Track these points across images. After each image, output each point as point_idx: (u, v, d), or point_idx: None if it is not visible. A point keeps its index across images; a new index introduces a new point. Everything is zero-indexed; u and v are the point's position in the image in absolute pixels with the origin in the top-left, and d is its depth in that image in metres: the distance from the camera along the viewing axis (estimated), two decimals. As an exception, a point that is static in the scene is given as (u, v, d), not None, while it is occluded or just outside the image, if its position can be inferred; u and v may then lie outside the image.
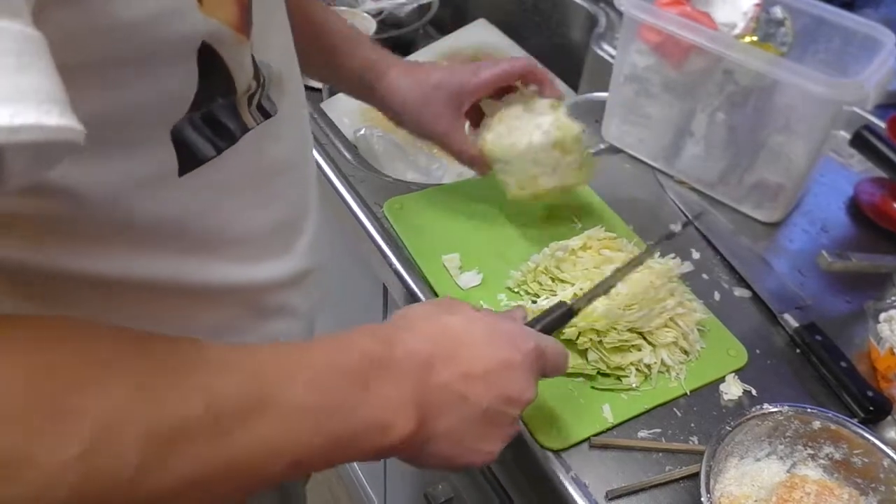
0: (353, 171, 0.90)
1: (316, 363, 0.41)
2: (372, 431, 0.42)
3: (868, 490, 0.60)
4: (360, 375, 0.41)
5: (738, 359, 0.71)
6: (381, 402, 0.42)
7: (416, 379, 0.44)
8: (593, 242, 0.76)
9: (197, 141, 0.42)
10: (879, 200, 0.90)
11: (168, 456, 0.32)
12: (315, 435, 0.39)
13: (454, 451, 0.47)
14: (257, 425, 0.36)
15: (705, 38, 0.81)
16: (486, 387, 0.47)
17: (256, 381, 0.37)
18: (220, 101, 0.42)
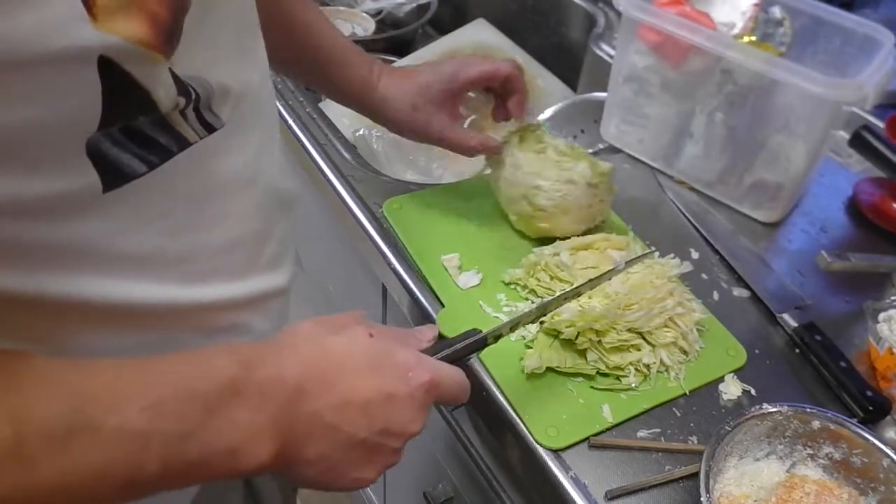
0: (352, 171, 0.90)
1: (161, 385, 0.40)
2: (220, 456, 0.41)
3: (867, 490, 0.60)
4: (209, 400, 0.41)
5: (737, 359, 0.71)
6: (229, 427, 0.41)
7: (278, 405, 0.43)
8: (600, 243, 0.76)
9: (120, 157, 0.40)
10: (878, 200, 0.90)
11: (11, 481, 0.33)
12: (148, 460, 0.38)
13: (325, 478, 0.46)
14: (75, 449, 0.36)
15: (704, 38, 0.81)
16: (366, 418, 0.46)
17: (81, 404, 0.36)
18: (142, 119, 0.41)
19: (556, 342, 0.69)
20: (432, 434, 0.93)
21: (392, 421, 0.47)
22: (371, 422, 0.46)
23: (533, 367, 0.66)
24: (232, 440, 0.41)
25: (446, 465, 0.92)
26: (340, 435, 0.46)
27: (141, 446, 0.38)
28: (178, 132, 0.43)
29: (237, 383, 0.42)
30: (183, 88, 0.42)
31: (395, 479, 1.23)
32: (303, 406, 0.44)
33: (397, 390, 0.47)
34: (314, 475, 0.46)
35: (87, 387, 0.38)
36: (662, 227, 0.86)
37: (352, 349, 0.47)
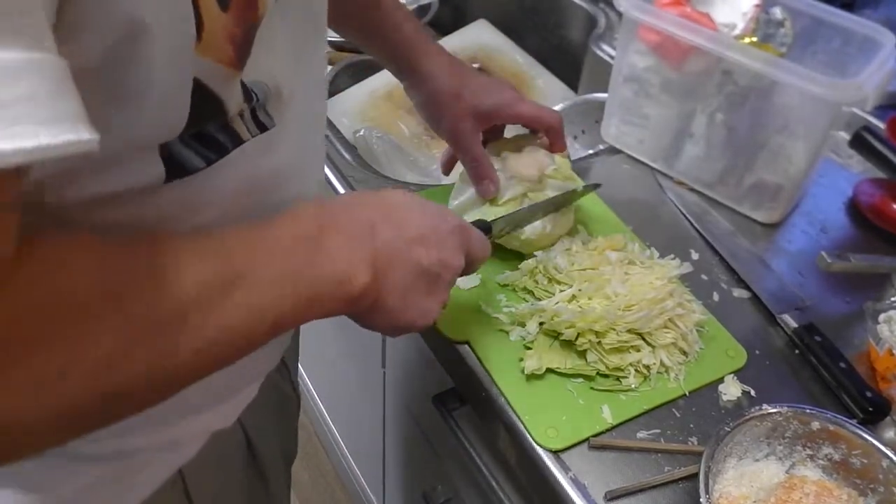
0: (352, 171, 0.90)
1: (271, 237, 0.45)
2: (334, 286, 0.46)
3: (867, 491, 0.60)
4: (314, 240, 0.46)
5: (736, 360, 0.71)
6: (337, 258, 0.46)
7: (361, 239, 0.48)
8: (598, 243, 0.76)
9: (185, 155, 0.43)
10: (879, 201, 0.90)
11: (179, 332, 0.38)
12: (286, 298, 0.44)
13: (400, 306, 0.51)
14: (238, 295, 0.41)
15: (705, 39, 0.81)
16: (424, 248, 0.52)
17: (228, 260, 0.42)
18: (215, 127, 0.44)
19: (555, 343, 0.69)
20: (433, 435, 0.93)
21: (443, 252, 0.54)
22: (429, 251, 0.52)
23: (533, 368, 0.66)
24: (339, 269, 0.46)
25: (446, 466, 0.92)
26: (410, 262, 0.51)
27: (279, 285, 0.43)
28: (235, 131, 0.46)
29: (325, 222, 0.47)
30: (247, 94, 0.44)
31: (395, 479, 1.23)
32: (378, 238, 0.49)
33: (440, 226, 0.54)
34: (393, 303, 0.51)
35: (223, 249, 0.42)
36: (662, 227, 0.86)
37: (399, 197, 0.54)
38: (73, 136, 0.29)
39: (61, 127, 0.28)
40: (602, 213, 0.85)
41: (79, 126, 0.29)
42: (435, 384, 0.79)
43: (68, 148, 0.28)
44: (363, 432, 1.30)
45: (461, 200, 0.77)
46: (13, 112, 0.27)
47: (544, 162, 0.77)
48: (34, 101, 0.28)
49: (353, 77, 1.20)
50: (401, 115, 1.17)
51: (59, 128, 0.28)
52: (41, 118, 0.28)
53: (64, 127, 0.28)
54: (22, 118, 0.27)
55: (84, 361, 0.35)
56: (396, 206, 0.53)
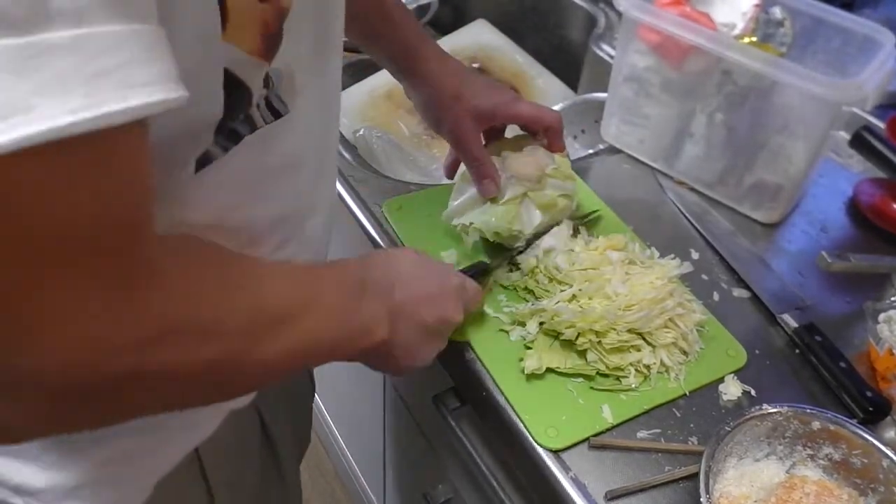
0: (352, 171, 0.90)
1: (333, 278, 0.53)
2: (363, 333, 0.53)
3: (867, 490, 0.60)
4: (357, 291, 0.53)
5: (737, 359, 0.71)
6: (370, 311, 0.54)
7: (384, 298, 0.56)
8: (598, 243, 0.76)
9: (212, 149, 0.46)
10: (879, 201, 0.90)
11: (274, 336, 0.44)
12: (341, 329, 0.51)
13: (405, 356, 0.59)
14: (310, 317, 0.48)
15: (704, 39, 0.81)
16: (430, 308, 0.59)
17: (303, 288, 0.49)
18: (241, 117, 0.46)
19: (555, 343, 0.69)
20: (433, 435, 0.93)
21: (445, 312, 0.61)
22: (433, 311, 0.60)
23: (533, 368, 0.66)
24: (366, 321, 0.53)
25: (446, 466, 0.92)
26: (416, 320, 0.58)
27: (337, 319, 0.51)
28: (251, 118, 0.48)
29: (365, 280, 0.55)
30: (266, 80, 0.46)
31: (395, 480, 1.23)
32: (395, 299, 0.57)
33: (444, 288, 0.62)
34: (400, 355, 0.58)
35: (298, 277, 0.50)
36: (662, 227, 0.86)
37: (410, 262, 0.61)
38: (165, 95, 0.32)
39: (155, 88, 0.32)
40: (603, 212, 0.85)
41: (170, 85, 0.33)
42: (435, 384, 0.79)
43: (164, 105, 0.32)
44: (363, 432, 1.30)
45: (461, 200, 0.77)
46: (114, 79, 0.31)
47: (544, 161, 0.77)
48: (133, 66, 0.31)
49: (353, 76, 1.20)
50: (401, 114, 1.17)
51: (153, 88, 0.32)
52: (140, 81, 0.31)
53: (157, 88, 0.32)
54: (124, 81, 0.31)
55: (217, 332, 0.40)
56: (409, 269, 0.60)
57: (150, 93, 0.32)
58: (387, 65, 0.80)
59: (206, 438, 0.60)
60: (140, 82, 0.31)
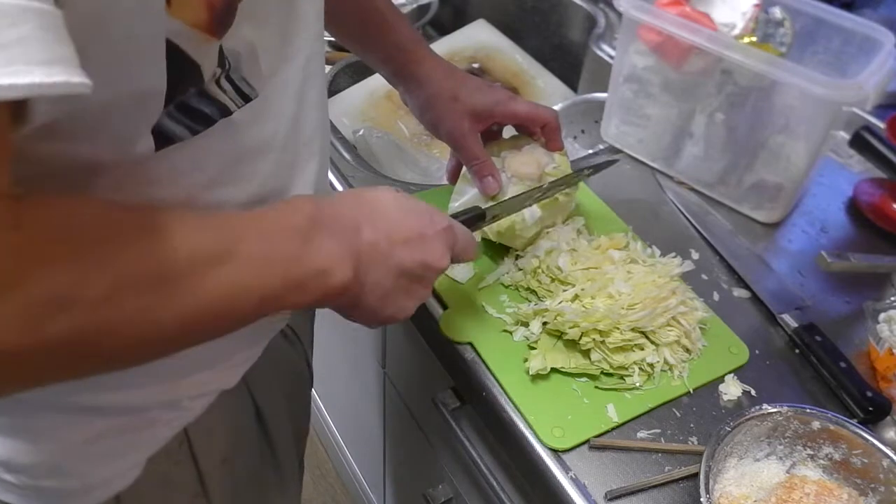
0: (352, 171, 0.90)
1: (266, 223, 0.48)
2: (317, 276, 0.49)
3: (867, 490, 0.60)
4: (304, 232, 0.48)
5: (740, 356, 0.71)
6: (322, 252, 0.49)
7: (346, 236, 0.51)
8: (600, 243, 0.76)
9: (173, 128, 0.45)
10: (879, 201, 0.90)
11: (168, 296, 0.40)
12: (272, 277, 0.46)
13: (379, 304, 0.54)
14: (227, 270, 0.43)
15: (704, 39, 0.81)
16: (408, 251, 0.54)
17: (223, 236, 0.44)
18: (192, 91, 0.45)
19: (559, 343, 0.69)
20: (433, 435, 0.93)
21: (427, 255, 0.56)
22: (412, 254, 0.54)
23: (537, 368, 0.66)
24: (323, 262, 0.49)
25: (446, 466, 0.92)
26: (391, 262, 0.53)
27: (267, 267, 0.46)
28: (220, 102, 0.47)
29: (316, 218, 0.49)
30: (221, 59, 0.46)
31: (395, 480, 1.23)
32: (362, 237, 0.52)
33: (427, 230, 0.56)
34: (372, 301, 0.54)
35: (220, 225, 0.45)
36: (662, 227, 0.86)
37: (386, 199, 0.56)
38: (66, 77, 0.31)
39: (55, 69, 0.30)
40: (603, 212, 0.85)
41: (71, 70, 0.31)
42: (435, 384, 0.79)
43: (61, 88, 0.30)
44: (363, 432, 1.30)
45: (462, 201, 0.77)
46: (11, 53, 0.29)
47: (544, 160, 0.77)
48: (31, 43, 0.30)
49: (352, 77, 1.20)
50: (401, 114, 1.17)
51: (53, 69, 0.30)
52: (37, 59, 0.30)
53: (57, 69, 0.30)
54: (18, 58, 0.29)
55: (78, 298, 0.36)
56: (385, 207, 0.55)
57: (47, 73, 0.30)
58: (382, 69, 0.80)
59: (195, 419, 0.60)
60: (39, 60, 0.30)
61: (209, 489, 0.64)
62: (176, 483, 0.62)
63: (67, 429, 0.54)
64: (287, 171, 0.58)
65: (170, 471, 0.61)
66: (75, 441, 0.54)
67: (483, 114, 0.76)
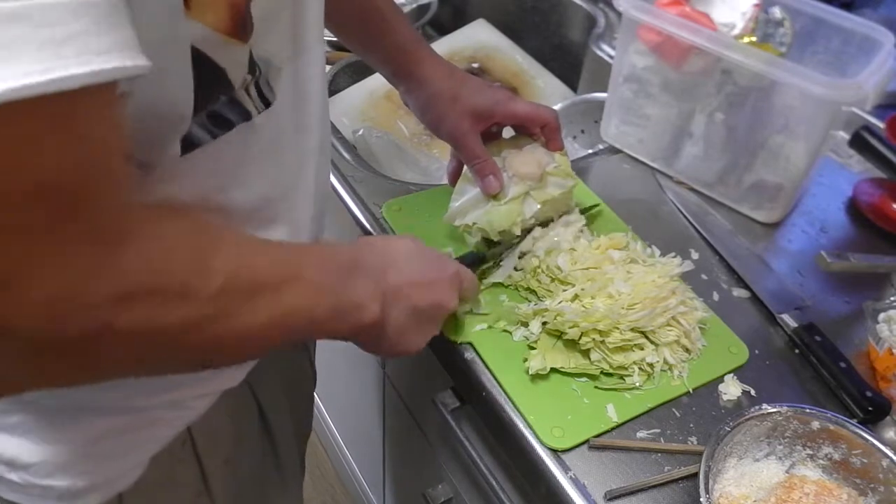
0: (352, 171, 0.90)
1: (319, 257, 0.53)
2: (355, 309, 0.54)
3: (867, 490, 0.60)
4: (346, 270, 0.54)
5: (739, 356, 0.71)
6: (360, 290, 0.54)
7: (377, 278, 0.56)
8: (600, 242, 0.77)
9: (199, 133, 0.47)
10: (878, 201, 0.90)
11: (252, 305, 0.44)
12: (322, 305, 0.51)
13: (396, 339, 0.59)
14: (289, 291, 0.48)
15: (704, 39, 0.81)
16: (423, 293, 0.60)
17: (284, 262, 0.49)
18: (222, 99, 0.46)
19: (559, 343, 0.69)
20: (432, 435, 0.93)
21: (439, 297, 0.62)
22: (427, 295, 0.60)
23: (537, 368, 0.66)
24: (359, 297, 0.54)
25: (446, 466, 0.92)
26: (409, 303, 0.59)
27: (321, 295, 0.51)
28: (244, 108, 0.49)
29: (356, 260, 0.56)
30: (252, 66, 0.47)
31: (394, 479, 1.23)
32: (388, 280, 0.57)
33: (439, 275, 0.62)
34: (392, 337, 0.59)
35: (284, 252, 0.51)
36: (662, 227, 0.86)
37: (406, 248, 0.62)
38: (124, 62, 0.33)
39: (112, 56, 0.32)
40: (603, 212, 0.85)
41: (128, 53, 0.33)
42: (435, 384, 0.79)
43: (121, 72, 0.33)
44: (363, 432, 1.30)
45: (463, 201, 0.77)
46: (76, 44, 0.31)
47: (544, 160, 0.77)
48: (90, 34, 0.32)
49: (352, 77, 1.20)
50: (400, 114, 1.17)
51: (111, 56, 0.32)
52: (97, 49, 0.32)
53: (114, 56, 0.33)
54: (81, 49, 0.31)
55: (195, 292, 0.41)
56: (405, 255, 0.61)
57: (105, 60, 0.32)
58: (382, 69, 0.81)
59: (198, 418, 0.61)
60: (95, 50, 0.32)
61: (212, 488, 0.64)
62: (179, 482, 0.62)
63: (71, 428, 0.54)
64: (292, 171, 0.59)
65: (173, 470, 0.61)
66: (79, 440, 0.54)
67: (483, 113, 0.76)
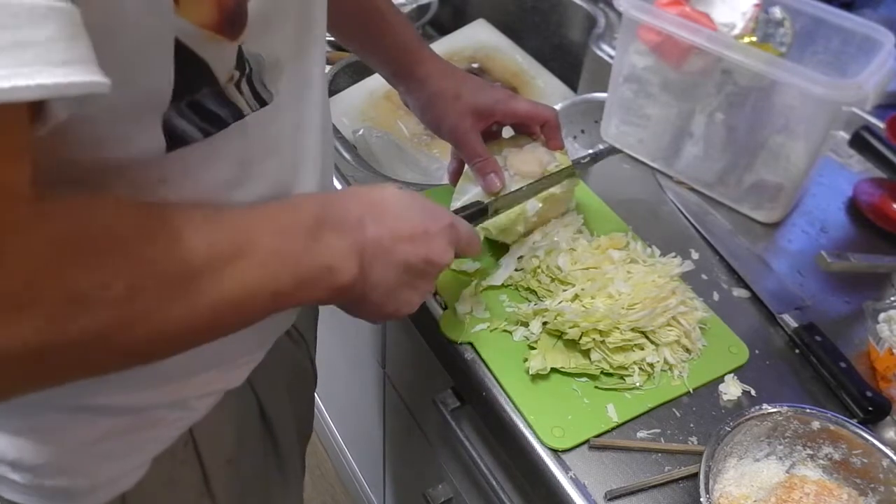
0: (352, 171, 0.90)
1: (275, 221, 0.49)
2: (325, 273, 0.50)
3: (867, 490, 0.60)
4: (312, 230, 0.50)
5: (739, 356, 0.71)
6: (329, 250, 0.50)
7: (351, 233, 0.52)
8: (600, 242, 0.77)
9: (185, 127, 0.45)
10: (878, 201, 0.90)
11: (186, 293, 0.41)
12: (283, 274, 0.47)
13: (384, 299, 0.55)
14: (242, 267, 0.44)
15: (704, 39, 0.81)
16: (412, 246, 0.55)
17: (237, 234, 0.45)
18: (205, 90, 0.45)
19: (559, 343, 0.69)
20: (433, 435, 0.93)
21: (431, 251, 0.56)
22: (416, 249, 0.55)
23: (538, 369, 0.66)
24: (330, 259, 0.50)
25: (446, 466, 0.92)
26: (395, 258, 0.54)
27: (280, 264, 0.47)
28: (235, 106, 0.47)
29: (322, 217, 0.51)
30: (240, 63, 0.46)
31: (394, 479, 1.23)
32: (367, 234, 0.53)
33: (430, 227, 0.57)
34: (377, 298, 0.55)
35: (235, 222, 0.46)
36: (662, 227, 0.86)
37: (390, 196, 0.56)
38: (86, 77, 0.31)
39: (76, 69, 0.31)
40: (604, 212, 0.85)
41: (91, 68, 0.32)
42: (435, 384, 0.79)
43: (81, 87, 0.31)
44: (363, 432, 1.30)
45: (464, 200, 0.77)
46: (34, 52, 0.30)
47: (545, 158, 0.77)
48: (54, 44, 0.30)
49: (352, 77, 1.21)
50: (401, 114, 1.17)
51: (73, 69, 0.31)
52: (59, 60, 0.31)
53: (77, 69, 0.31)
54: (40, 58, 0.30)
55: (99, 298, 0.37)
56: (389, 204, 0.55)
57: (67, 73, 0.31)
58: (382, 69, 0.81)
59: (200, 419, 0.61)
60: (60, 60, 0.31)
61: (214, 489, 0.64)
62: (181, 483, 0.62)
63: (74, 429, 0.54)
64: (292, 171, 0.58)
65: (175, 471, 0.61)
66: (82, 441, 0.54)
67: (484, 112, 0.76)
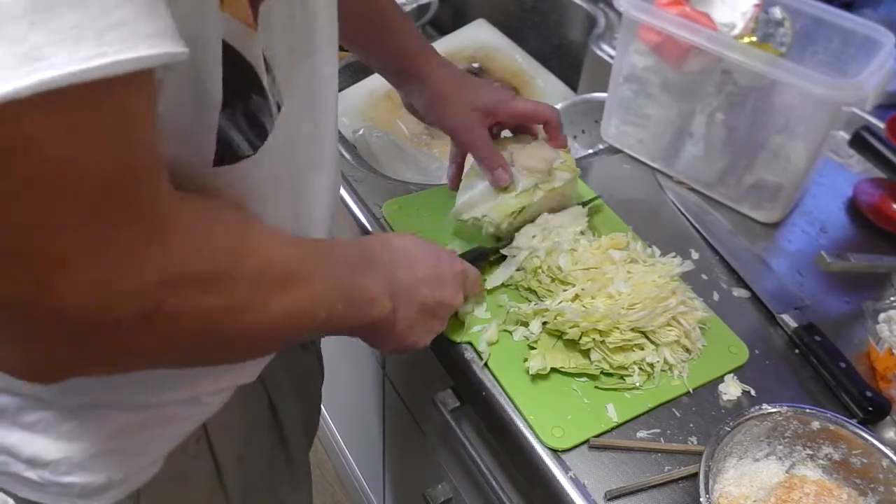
0: (352, 171, 0.90)
1: (335, 252, 0.55)
2: (368, 304, 0.56)
3: (867, 490, 0.60)
4: (358, 266, 0.56)
5: (739, 356, 0.71)
6: (371, 285, 0.56)
7: (386, 274, 0.58)
8: (601, 242, 0.77)
9: (232, 135, 0.47)
10: (878, 201, 0.90)
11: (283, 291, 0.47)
12: (337, 299, 0.52)
13: (404, 334, 0.61)
14: (317, 282, 0.50)
15: (704, 39, 0.81)
16: (430, 290, 0.62)
17: (309, 255, 0.52)
18: (254, 98, 0.46)
19: (559, 343, 0.69)
20: (432, 435, 0.93)
21: (444, 294, 0.63)
22: (433, 293, 0.62)
23: (538, 368, 0.66)
24: (370, 293, 0.56)
25: (446, 466, 0.92)
26: (416, 300, 0.61)
27: (336, 290, 0.52)
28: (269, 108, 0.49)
29: (365, 258, 0.57)
30: (267, 65, 0.47)
31: (394, 479, 1.23)
32: (398, 277, 0.59)
33: (445, 273, 0.64)
34: (399, 332, 0.60)
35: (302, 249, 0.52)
36: (662, 227, 0.86)
37: (412, 244, 0.63)
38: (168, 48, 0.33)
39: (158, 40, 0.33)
40: (603, 212, 0.85)
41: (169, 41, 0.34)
42: (435, 384, 0.79)
43: (168, 58, 0.33)
44: (363, 432, 1.30)
45: (471, 195, 0.77)
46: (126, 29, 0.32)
47: (550, 155, 0.78)
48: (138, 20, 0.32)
49: (352, 76, 1.21)
50: (401, 114, 1.17)
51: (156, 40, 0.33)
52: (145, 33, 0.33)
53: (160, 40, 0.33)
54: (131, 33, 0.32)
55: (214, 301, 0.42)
56: (412, 252, 0.62)
57: (152, 45, 0.33)
58: (385, 69, 0.81)
59: (214, 415, 0.61)
60: (145, 34, 0.33)
61: (226, 484, 0.65)
62: (194, 478, 0.63)
63: (89, 425, 0.54)
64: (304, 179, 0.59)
65: (188, 466, 0.61)
66: (97, 437, 0.55)
67: (487, 111, 0.77)
